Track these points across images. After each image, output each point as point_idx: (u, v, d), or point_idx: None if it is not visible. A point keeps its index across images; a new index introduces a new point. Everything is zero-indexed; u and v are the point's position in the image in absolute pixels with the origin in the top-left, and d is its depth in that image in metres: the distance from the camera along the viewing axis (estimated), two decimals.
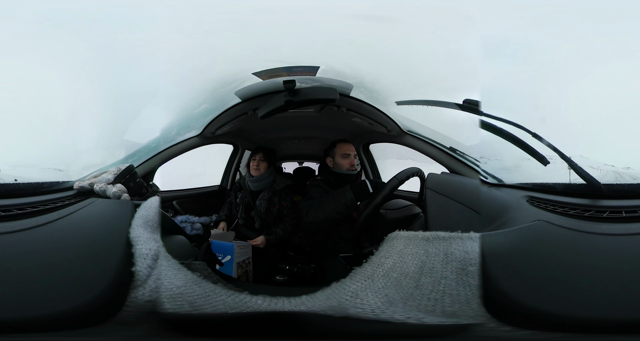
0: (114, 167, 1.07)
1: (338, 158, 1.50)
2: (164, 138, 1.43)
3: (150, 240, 0.65)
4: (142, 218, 0.72)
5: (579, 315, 0.58)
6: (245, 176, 1.71)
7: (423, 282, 0.62)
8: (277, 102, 1.13)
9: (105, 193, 0.98)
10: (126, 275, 0.59)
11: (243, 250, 1.35)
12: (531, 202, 0.93)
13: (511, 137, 0.98)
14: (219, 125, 1.59)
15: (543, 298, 0.60)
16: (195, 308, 0.58)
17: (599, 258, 0.68)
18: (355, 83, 1.27)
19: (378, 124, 1.54)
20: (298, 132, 2.06)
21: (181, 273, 0.63)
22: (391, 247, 0.72)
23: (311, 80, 1.19)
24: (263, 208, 1.61)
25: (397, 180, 1.19)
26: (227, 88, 1.27)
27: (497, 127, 0.98)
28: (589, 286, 0.62)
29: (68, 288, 0.58)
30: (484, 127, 0.98)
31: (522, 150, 0.97)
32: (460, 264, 0.64)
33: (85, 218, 0.80)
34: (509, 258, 0.67)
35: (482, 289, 0.60)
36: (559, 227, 0.77)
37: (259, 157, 1.64)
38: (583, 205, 0.87)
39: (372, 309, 0.59)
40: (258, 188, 1.64)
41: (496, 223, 0.82)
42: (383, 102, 1.40)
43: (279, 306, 0.62)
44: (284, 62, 1.13)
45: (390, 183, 1.19)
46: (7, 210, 0.80)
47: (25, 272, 0.61)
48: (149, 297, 0.57)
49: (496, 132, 0.98)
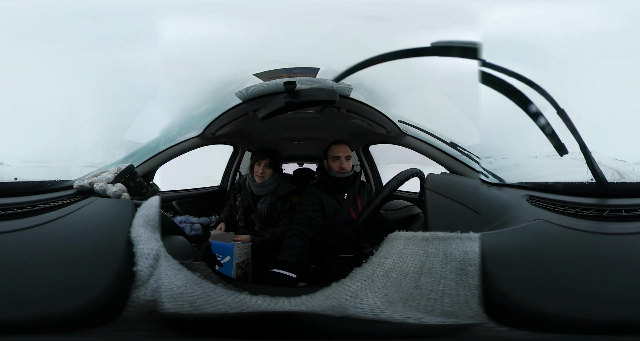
0: (114, 166, 1.07)
1: (330, 160, 1.48)
2: (164, 138, 1.43)
3: (151, 239, 0.65)
4: (143, 217, 0.72)
5: (578, 315, 0.58)
6: (245, 177, 1.67)
7: (422, 282, 0.63)
8: (277, 103, 1.13)
9: (105, 192, 0.98)
10: (127, 274, 0.59)
11: (243, 251, 1.35)
12: (531, 201, 0.93)
13: (522, 98, 0.72)
14: (220, 126, 1.59)
15: (542, 298, 0.60)
16: (196, 308, 0.58)
17: (598, 257, 0.68)
18: (355, 84, 1.27)
19: (377, 125, 1.55)
20: (298, 133, 2.07)
21: (181, 273, 0.63)
22: (391, 248, 0.73)
23: (311, 81, 1.20)
24: (265, 211, 1.58)
25: (396, 181, 1.19)
26: (228, 89, 1.28)
27: (501, 80, 0.72)
28: (588, 287, 0.62)
29: (69, 288, 0.58)
30: (484, 80, 0.72)
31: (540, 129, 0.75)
32: (460, 264, 0.64)
33: (85, 217, 0.80)
34: (508, 258, 0.68)
35: (482, 289, 0.60)
36: (558, 226, 0.77)
37: (265, 162, 1.54)
38: (583, 204, 0.87)
39: (372, 309, 0.59)
40: (263, 193, 1.58)
41: (496, 222, 0.82)
42: (382, 103, 1.41)
43: (279, 307, 0.62)
44: (284, 64, 1.13)
45: (389, 185, 1.19)
46: (7, 208, 0.80)
47: (26, 271, 0.61)
48: (151, 297, 0.57)
49: (501, 88, 0.72)
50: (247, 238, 1.49)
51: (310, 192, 1.48)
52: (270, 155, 1.57)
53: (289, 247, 1.27)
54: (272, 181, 1.57)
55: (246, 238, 1.49)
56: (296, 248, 1.27)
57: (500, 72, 0.74)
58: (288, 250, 1.26)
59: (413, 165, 1.27)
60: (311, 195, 1.46)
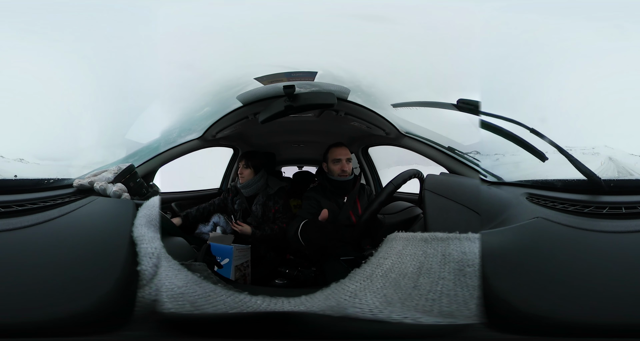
0: (114, 165, 1.07)
1: (330, 163, 1.49)
2: (164, 140, 1.44)
3: (155, 239, 0.65)
4: (145, 217, 0.72)
5: (576, 318, 0.58)
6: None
7: (421, 283, 0.63)
8: (277, 107, 1.14)
9: (105, 191, 0.97)
10: (132, 274, 0.59)
11: (242, 253, 1.34)
12: (530, 199, 0.92)
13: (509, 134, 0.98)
14: (220, 129, 1.60)
15: (540, 299, 0.60)
16: (197, 307, 0.58)
17: (597, 256, 0.68)
18: (352, 87, 1.28)
19: (376, 127, 1.56)
20: (297, 136, 2.08)
21: (182, 273, 0.63)
22: (390, 248, 0.73)
23: (310, 85, 1.21)
24: (259, 213, 1.61)
25: (392, 185, 1.17)
26: (229, 92, 1.29)
27: (494, 125, 0.98)
28: (587, 286, 0.61)
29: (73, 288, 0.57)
30: (482, 126, 0.99)
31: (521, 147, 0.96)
32: (458, 265, 0.64)
33: (86, 216, 0.80)
34: (507, 257, 0.67)
35: (480, 289, 0.60)
36: (557, 224, 0.76)
37: (242, 164, 1.65)
38: (583, 201, 0.86)
39: (371, 309, 0.59)
40: (250, 193, 1.64)
41: (495, 221, 0.82)
42: (380, 105, 1.42)
43: (279, 307, 0.62)
44: (284, 68, 1.15)
45: (385, 190, 1.18)
46: (7, 206, 0.80)
47: (27, 270, 0.60)
48: (155, 296, 0.57)
49: (494, 130, 0.99)
50: (248, 230, 1.54)
51: (310, 196, 1.48)
52: (246, 157, 1.67)
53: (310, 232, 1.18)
54: (254, 181, 1.63)
55: (248, 229, 1.54)
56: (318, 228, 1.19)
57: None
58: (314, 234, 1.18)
59: (412, 167, 1.27)
60: (310, 199, 1.46)
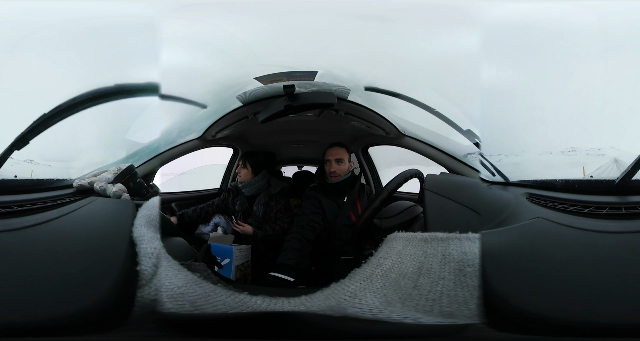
0: (114, 166, 1.07)
1: (324, 164, 1.49)
2: (164, 140, 1.44)
3: (154, 239, 0.66)
4: (145, 217, 0.72)
5: (576, 318, 0.58)
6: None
7: (421, 283, 0.63)
8: (277, 106, 1.14)
9: (105, 192, 0.97)
10: (131, 274, 0.59)
11: (242, 253, 1.34)
12: (530, 199, 0.92)
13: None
14: (220, 129, 1.60)
15: (540, 300, 0.60)
16: (196, 307, 0.58)
17: (597, 256, 0.68)
18: (352, 87, 1.28)
19: (376, 127, 1.56)
20: (297, 136, 2.08)
21: (182, 273, 0.63)
22: (390, 248, 0.73)
23: (309, 84, 1.21)
24: (260, 212, 1.60)
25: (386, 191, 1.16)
26: (229, 92, 1.28)
27: None
28: (587, 286, 0.61)
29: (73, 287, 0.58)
30: None
31: None
32: (458, 265, 0.64)
33: (86, 216, 0.80)
34: (506, 257, 0.67)
35: (480, 289, 0.60)
36: (557, 225, 0.76)
37: (240, 163, 1.66)
38: (583, 201, 0.86)
39: (370, 309, 0.59)
40: (250, 193, 1.63)
41: (495, 221, 0.82)
42: (380, 105, 1.42)
43: (279, 307, 0.62)
44: (284, 67, 1.14)
45: (382, 193, 1.17)
46: (7, 206, 0.80)
47: (27, 270, 0.60)
48: (155, 296, 0.57)
49: None
50: (250, 230, 1.54)
51: (310, 195, 1.48)
52: (244, 157, 1.68)
53: (288, 250, 1.27)
54: (255, 180, 1.63)
55: (249, 229, 1.54)
56: (295, 251, 1.26)
57: None
58: (287, 253, 1.26)
59: (412, 167, 1.26)
60: (311, 198, 1.46)
